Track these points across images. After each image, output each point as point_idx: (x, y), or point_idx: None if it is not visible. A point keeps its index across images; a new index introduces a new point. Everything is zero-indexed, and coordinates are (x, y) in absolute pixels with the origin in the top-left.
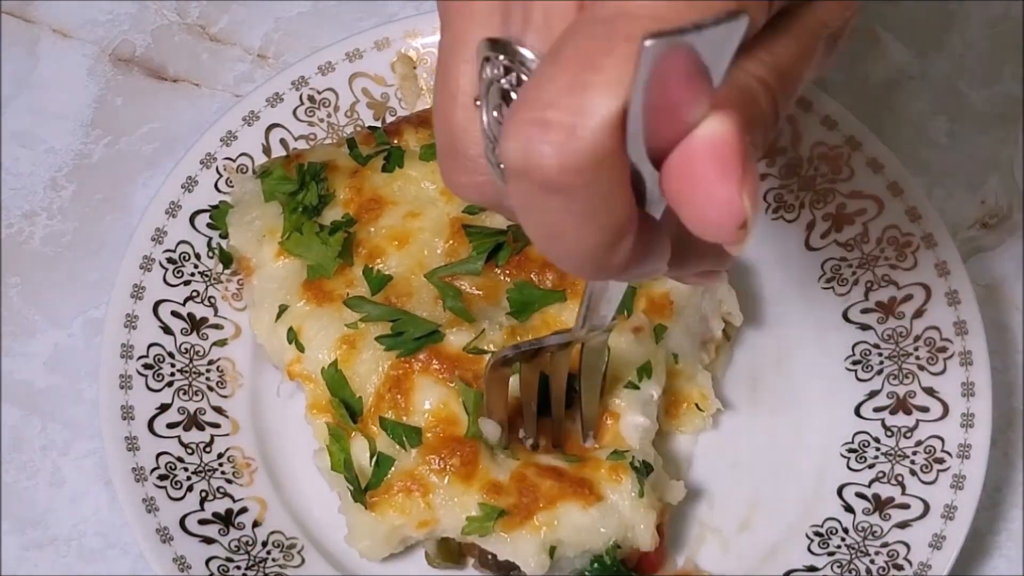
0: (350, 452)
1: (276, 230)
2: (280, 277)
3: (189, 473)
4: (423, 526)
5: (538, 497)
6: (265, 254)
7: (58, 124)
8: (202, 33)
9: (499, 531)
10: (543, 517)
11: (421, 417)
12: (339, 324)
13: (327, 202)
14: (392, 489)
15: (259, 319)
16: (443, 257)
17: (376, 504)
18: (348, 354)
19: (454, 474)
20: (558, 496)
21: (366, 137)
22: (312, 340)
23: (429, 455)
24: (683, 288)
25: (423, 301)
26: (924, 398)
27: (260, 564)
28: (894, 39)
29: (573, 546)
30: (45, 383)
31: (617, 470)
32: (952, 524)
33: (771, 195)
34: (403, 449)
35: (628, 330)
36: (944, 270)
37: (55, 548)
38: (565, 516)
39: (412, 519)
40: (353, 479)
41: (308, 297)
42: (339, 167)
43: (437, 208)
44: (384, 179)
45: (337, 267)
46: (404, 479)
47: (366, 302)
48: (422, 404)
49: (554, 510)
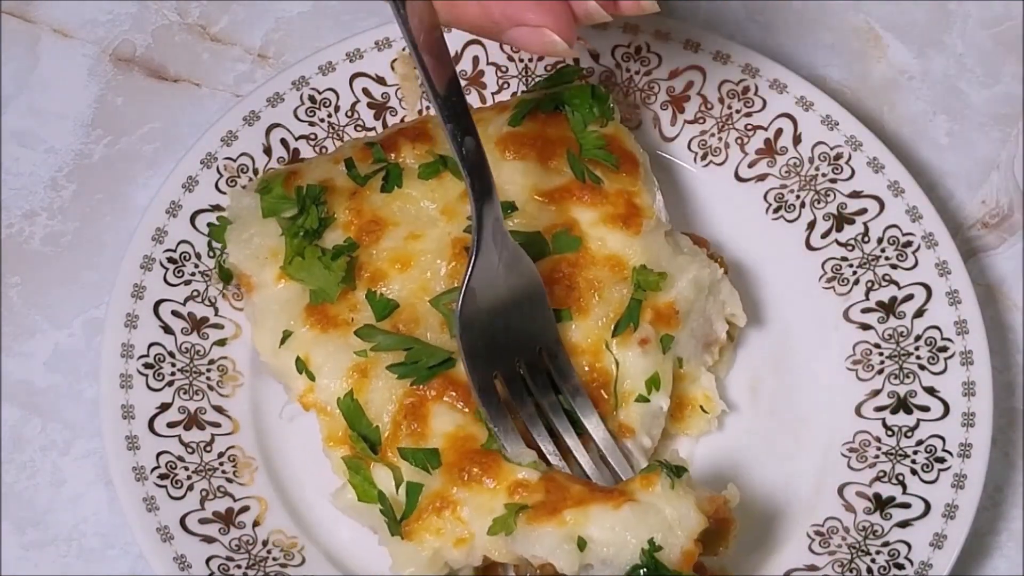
0: (374, 483)
1: (276, 251)
2: (282, 299)
3: (189, 472)
4: (460, 544)
5: (567, 497)
6: (266, 276)
7: (58, 124)
8: (202, 33)
9: (524, 524)
10: (572, 514)
11: (438, 440)
12: (347, 351)
13: (327, 224)
14: (423, 513)
15: (262, 340)
16: (446, 279)
17: (412, 532)
18: (361, 383)
19: (477, 482)
20: (589, 498)
21: (363, 152)
22: (322, 368)
23: (451, 471)
24: (687, 294)
25: (432, 327)
26: (925, 397)
27: (260, 563)
28: (894, 39)
29: (605, 545)
30: (45, 383)
31: (649, 478)
32: (953, 523)
33: (772, 195)
34: (427, 472)
35: (635, 343)
36: (945, 270)
37: (55, 548)
38: (597, 514)
39: (448, 538)
40: (388, 510)
41: (312, 323)
42: (338, 188)
43: (438, 228)
44: (383, 199)
45: (340, 291)
46: (432, 500)
47: (377, 332)
48: (438, 430)
49: (585, 508)
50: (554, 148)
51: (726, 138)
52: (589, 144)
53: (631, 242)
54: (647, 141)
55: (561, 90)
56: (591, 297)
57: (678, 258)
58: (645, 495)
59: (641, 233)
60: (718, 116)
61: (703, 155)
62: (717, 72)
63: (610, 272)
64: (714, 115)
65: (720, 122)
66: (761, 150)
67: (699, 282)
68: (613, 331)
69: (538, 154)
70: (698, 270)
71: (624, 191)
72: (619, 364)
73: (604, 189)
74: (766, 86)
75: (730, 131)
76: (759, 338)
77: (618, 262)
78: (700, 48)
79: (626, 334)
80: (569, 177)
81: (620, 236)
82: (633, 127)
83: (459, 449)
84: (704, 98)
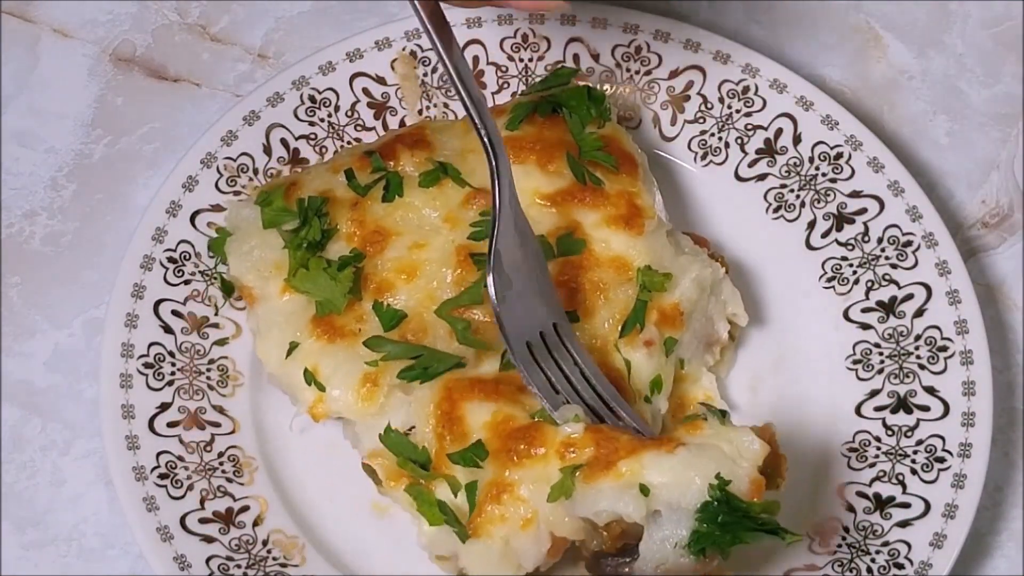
0: (436, 500)
1: (279, 264)
2: (287, 311)
3: (190, 472)
4: (527, 525)
5: (618, 448)
6: (271, 289)
7: (58, 124)
8: (203, 33)
9: (582, 484)
10: (627, 464)
11: (480, 433)
12: (357, 362)
13: (330, 236)
14: (484, 506)
15: (267, 351)
16: (452, 286)
17: (477, 527)
18: (371, 392)
19: (527, 456)
20: (640, 447)
21: (362, 161)
22: (331, 379)
23: (499, 456)
24: (690, 295)
25: (440, 336)
26: (925, 397)
27: (261, 563)
28: (895, 39)
29: (670, 488)
30: (45, 383)
31: (695, 424)
32: (953, 523)
33: (772, 194)
34: (478, 467)
35: (641, 344)
36: (945, 269)
37: (55, 548)
38: (652, 461)
39: (513, 523)
40: (452, 519)
41: (319, 334)
42: (339, 199)
43: (442, 236)
44: (385, 209)
45: (347, 302)
46: (489, 490)
47: (386, 342)
48: (477, 424)
49: (639, 456)
50: (553, 151)
51: (726, 138)
52: (588, 146)
53: (634, 243)
54: (647, 141)
55: (557, 92)
56: (597, 299)
57: (680, 258)
58: (695, 438)
59: (644, 233)
60: (718, 116)
61: (703, 155)
62: (717, 72)
63: (615, 273)
64: (714, 115)
65: (720, 122)
66: (761, 150)
67: (701, 282)
68: (620, 332)
69: (538, 157)
70: (700, 270)
71: (625, 192)
72: (630, 364)
73: (605, 190)
74: (766, 86)
75: (730, 131)
76: (759, 338)
77: (622, 263)
78: (700, 48)
79: (632, 335)
80: (570, 179)
81: (623, 237)
82: (633, 127)
83: (501, 433)
84: (704, 98)
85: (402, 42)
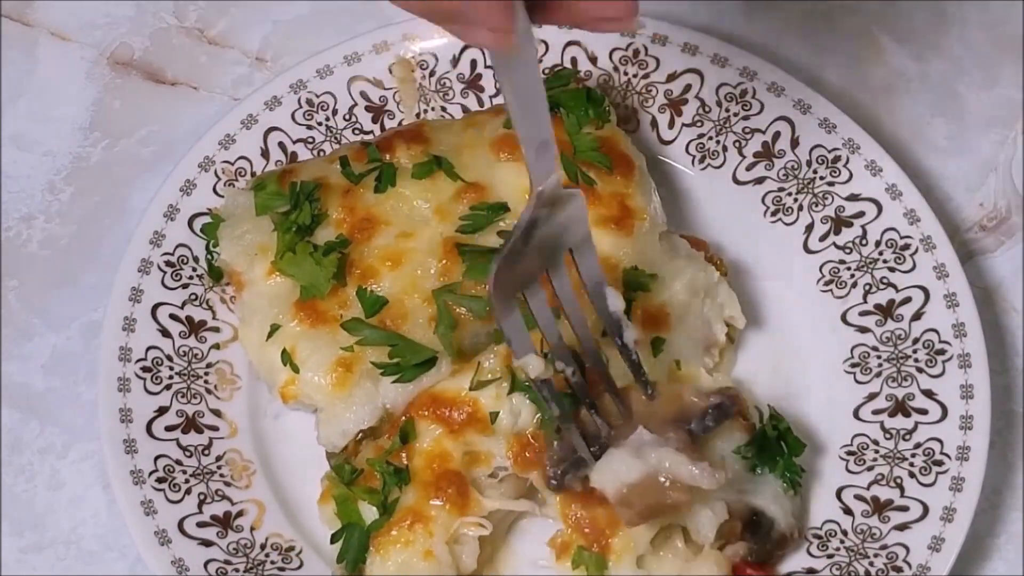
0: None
1: (268, 247)
2: (271, 295)
3: (187, 476)
4: (429, 557)
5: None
6: (257, 272)
7: (56, 127)
8: (200, 36)
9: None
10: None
11: (417, 458)
12: (333, 346)
13: (320, 221)
14: (394, 526)
15: (248, 336)
16: (437, 277)
17: (380, 544)
18: (344, 377)
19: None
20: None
21: (358, 152)
22: (306, 361)
23: (427, 488)
24: (681, 297)
25: (418, 324)
26: (923, 400)
27: (258, 567)
28: (893, 42)
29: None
30: (43, 386)
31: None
32: (951, 526)
33: (770, 198)
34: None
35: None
36: (943, 272)
37: (53, 551)
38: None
39: (416, 550)
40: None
41: (301, 317)
42: (332, 185)
43: (430, 228)
44: (377, 198)
45: (331, 288)
46: (405, 514)
47: (364, 325)
48: (421, 443)
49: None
50: None
51: (724, 141)
52: (583, 146)
53: (623, 243)
54: (645, 144)
55: (556, 93)
56: (581, 297)
57: (673, 261)
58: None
59: (633, 235)
60: (716, 119)
61: (701, 158)
62: (715, 75)
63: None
64: (712, 118)
65: (718, 125)
66: (759, 153)
67: (694, 285)
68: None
69: None
70: (693, 273)
71: (617, 193)
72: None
73: (597, 191)
74: (764, 89)
75: (728, 134)
76: (756, 341)
77: (609, 264)
78: (698, 51)
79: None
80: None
81: (611, 237)
82: (631, 130)
83: (433, 468)
84: (702, 101)
85: (400, 46)
